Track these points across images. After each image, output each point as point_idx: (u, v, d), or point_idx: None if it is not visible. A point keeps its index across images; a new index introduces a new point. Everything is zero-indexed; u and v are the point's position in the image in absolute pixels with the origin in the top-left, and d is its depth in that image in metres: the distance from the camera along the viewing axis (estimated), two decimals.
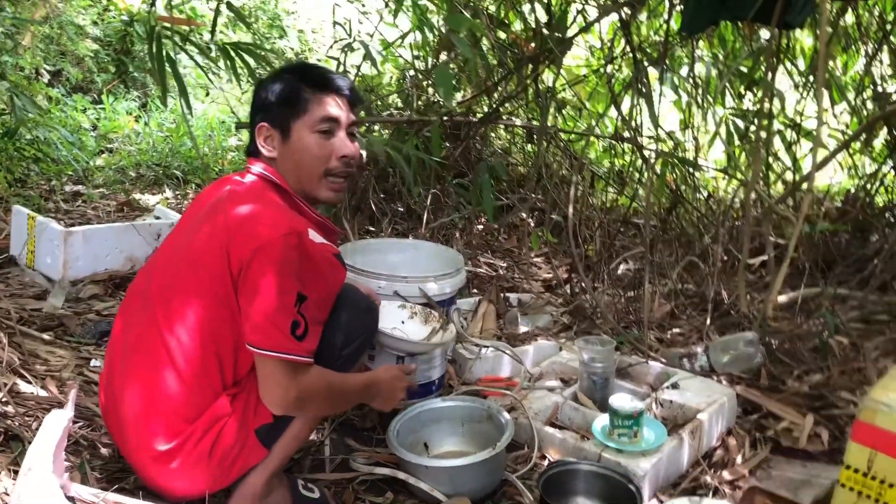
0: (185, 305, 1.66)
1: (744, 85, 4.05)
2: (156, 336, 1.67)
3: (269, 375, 1.64)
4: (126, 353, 1.71)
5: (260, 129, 1.82)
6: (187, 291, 1.67)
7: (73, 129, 5.40)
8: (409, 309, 2.32)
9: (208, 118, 6.34)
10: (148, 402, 1.66)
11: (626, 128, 3.79)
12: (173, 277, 1.71)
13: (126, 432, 1.69)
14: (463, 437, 2.27)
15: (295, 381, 1.64)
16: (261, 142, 1.82)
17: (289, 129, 1.80)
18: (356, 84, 2.02)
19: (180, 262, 1.71)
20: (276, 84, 1.83)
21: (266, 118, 1.81)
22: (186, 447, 1.65)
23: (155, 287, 1.72)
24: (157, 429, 1.65)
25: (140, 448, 1.67)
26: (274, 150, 1.82)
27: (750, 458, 2.29)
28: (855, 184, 4.45)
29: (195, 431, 1.66)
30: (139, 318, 1.72)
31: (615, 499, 1.97)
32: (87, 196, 4.49)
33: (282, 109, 1.80)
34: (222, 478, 1.71)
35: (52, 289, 3.08)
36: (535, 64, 3.75)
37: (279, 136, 1.81)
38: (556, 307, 3.35)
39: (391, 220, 4.08)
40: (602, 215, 4.27)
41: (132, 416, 1.67)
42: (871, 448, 1.74)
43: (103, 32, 6.86)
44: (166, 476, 1.67)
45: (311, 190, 1.85)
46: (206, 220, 1.72)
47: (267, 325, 1.60)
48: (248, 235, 1.62)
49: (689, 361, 2.78)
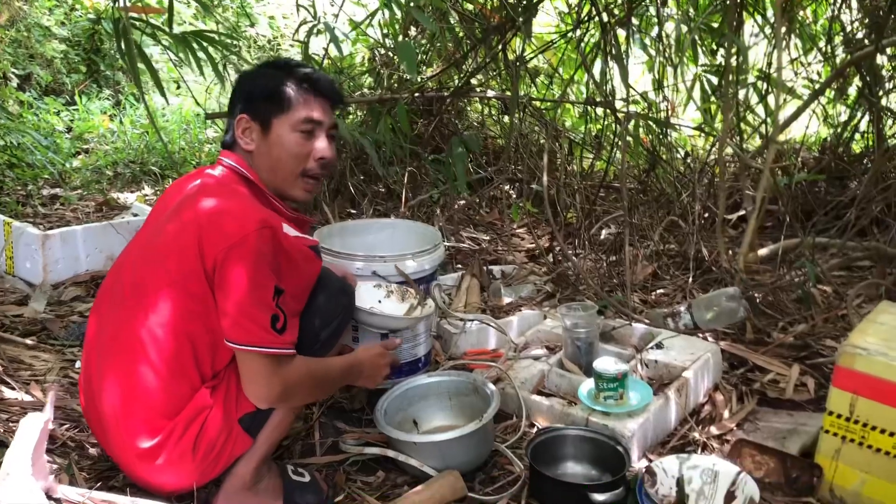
0: (157, 302, 1.64)
1: (715, 41, 4.03)
2: (130, 334, 1.66)
3: (252, 371, 1.64)
4: (101, 353, 1.70)
5: (240, 121, 1.80)
6: (159, 288, 1.65)
7: (46, 132, 5.35)
8: (384, 288, 2.32)
9: (183, 111, 6.29)
10: (127, 401, 1.65)
11: (599, 92, 3.77)
12: (144, 274, 1.69)
13: (108, 432, 1.69)
14: (451, 412, 2.28)
15: (278, 375, 1.64)
16: (238, 132, 1.80)
17: (269, 124, 1.79)
18: (335, 81, 2.00)
19: (151, 259, 1.70)
20: (261, 77, 1.83)
21: (247, 110, 1.79)
22: (169, 443, 1.65)
23: (126, 284, 1.71)
24: (139, 426, 1.65)
25: (123, 447, 1.66)
26: (251, 143, 1.80)
27: (737, 411, 2.30)
28: (830, 133, 4.46)
29: (177, 427, 1.66)
30: (112, 317, 1.71)
31: (604, 461, 1.99)
32: (64, 198, 4.46)
33: (265, 104, 1.79)
34: (209, 470, 1.71)
35: (32, 293, 3.06)
36: (502, 33, 3.73)
37: (259, 130, 1.79)
38: (540, 276, 3.36)
39: (371, 202, 4.07)
40: (581, 181, 4.27)
41: (112, 415, 1.66)
42: (853, 393, 1.76)
43: (71, 32, 6.78)
44: (153, 473, 1.67)
45: (285, 188, 1.84)
46: (176, 215, 1.70)
47: (246, 321, 1.59)
48: (220, 232, 1.60)
49: (673, 320, 2.79)
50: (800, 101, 3.93)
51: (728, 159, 3.70)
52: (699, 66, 4.09)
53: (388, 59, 4.33)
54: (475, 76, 4.21)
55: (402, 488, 1.96)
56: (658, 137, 4.09)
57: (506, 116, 4.88)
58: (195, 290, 1.63)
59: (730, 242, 3.75)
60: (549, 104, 4.53)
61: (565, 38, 4.01)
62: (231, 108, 1.85)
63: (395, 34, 4.39)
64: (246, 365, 1.64)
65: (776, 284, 3.01)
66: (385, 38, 4.45)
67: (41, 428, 1.49)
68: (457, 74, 4.36)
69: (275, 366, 1.64)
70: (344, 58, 4.61)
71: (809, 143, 4.82)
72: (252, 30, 7.80)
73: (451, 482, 1.89)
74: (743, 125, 3.89)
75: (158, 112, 6.20)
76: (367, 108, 4.17)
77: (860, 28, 3.78)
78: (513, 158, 4.47)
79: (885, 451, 1.73)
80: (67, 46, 6.68)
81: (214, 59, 3.04)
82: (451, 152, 3.47)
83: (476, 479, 2.02)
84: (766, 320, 2.86)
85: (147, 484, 1.70)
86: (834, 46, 3.77)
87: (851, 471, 1.79)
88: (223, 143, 1.87)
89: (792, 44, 3.88)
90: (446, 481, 1.88)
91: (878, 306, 2.04)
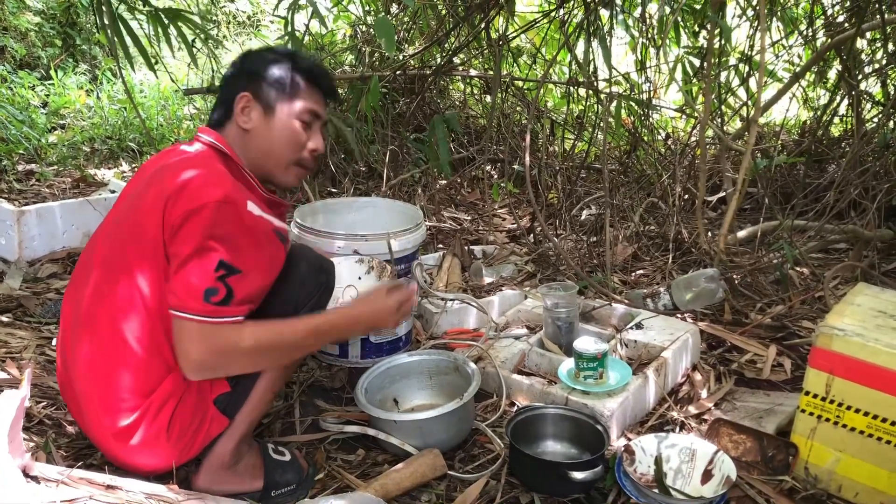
0: (129, 277, 1.61)
1: (697, 22, 4.03)
2: (103, 310, 1.63)
3: (179, 338, 1.57)
4: (76, 330, 1.67)
5: (241, 98, 1.76)
6: (129, 263, 1.62)
7: (21, 106, 5.26)
8: (366, 263, 2.31)
9: (161, 88, 6.20)
10: (101, 378, 1.63)
11: (582, 72, 3.76)
12: (115, 249, 1.66)
13: (84, 410, 1.67)
14: (432, 391, 2.29)
15: (205, 344, 1.56)
16: (238, 109, 1.77)
17: (273, 108, 1.78)
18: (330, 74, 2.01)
19: (121, 234, 1.67)
20: (269, 60, 1.81)
21: (251, 89, 1.77)
22: (144, 422, 1.63)
23: (98, 260, 1.68)
24: (112, 405, 1.63)
25: (99, 425, 1.64)
26: (249, 122, 1.78)
27: (715, 391, 2.33)
28: (810, 116, 4.48)
29: (150, 406, 1.64)
30: (86, 293, 1.68)
31: (584, 440, 2.00)
32: (40, 174, 4.40)
33: (271, 87, 1.78)
34: (186, 451, 1.70)
35: (8, 270, 3.02)
36: (485, 11, 3.70)
37: (261, 111, 1.77)
38: (521, 256, 3.36)
39: (353, 180, 4.05)
40: (562, 162, 4.27)
41: (87, 393, 1.65)
42: (829, 373, 1.78)
43: (46, 5, 6.64)
44: (128, 453, 1.65)
45: (276, 172, 1.82)
46: (147, 189, 1.66)
47: (180, 288, 1.55)
48: (182, 199, 1.57)
49: (653, 301, 2.81)
50: (780, 83, 3.95)
51: (709, 141, 3.71)
52: (681, 48, 4.09)
53: (369, 37, 4.29)
54: (457, 55, 4.18)
55: (382, 466, 1.97)
56: (640, 118, 4.09)
57: (488, 96, 4.86)
58: (162, 263, 1.60)
59: (709, 224, 3.78)
60: (532, 84, 4.52)
61: (548, 18, 3.99)
62: (229, 85, 1.82)
63: (377, 11, 4.35)
64: (175, 331, 1.58)
65: (754, 266, 3.03)
66: (367, 14, 4.42)
67: (17, 405, 1.48)
68: (439, 53, 4.33)
69: (201, 335, 1.55)
70: (325, 35, 4.56)
71: (789, 126, 4.85)
72: (232, 5, 7.70)
73: (431, 460, 1.89)
74: (724, 107, 3.90)
75: (136, 88, 6.12)
76: (347, 86, 4.14)
77: (841, 12, 3.79)
78: (494, 138, 4.46)
79: (859, 430, 1.75)
80: (42, 19, 6.55)
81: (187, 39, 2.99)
82: (432, 132, 3.45)
83: (456, 457, 2.03)
84: (745, 301, 2.88)
85: (123, 464, 1.68)
86: (815, 29, 3.77)
87: (826, 449, 1.82)
88: (211, 119, 1.83)
89: (773, 26, 3.88)
90: (426, 459, 1.89)
91: (854, 288, 2.06)
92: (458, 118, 4.62)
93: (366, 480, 1.88)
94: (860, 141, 3.46)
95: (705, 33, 4.09)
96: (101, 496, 1.50)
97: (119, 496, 1.52)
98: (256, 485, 1.81)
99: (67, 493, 1.47)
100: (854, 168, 3.38)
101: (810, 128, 4.32)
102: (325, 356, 2.36)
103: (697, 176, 3.14)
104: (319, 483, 1.91)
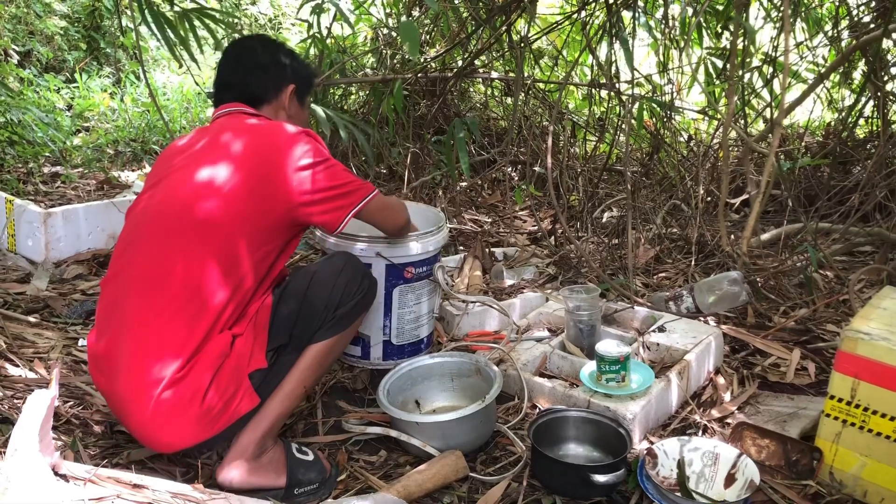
0: (217, 240, 1.75)
1: (720, 23, 4.01)
2: (164, 272, 1.72)
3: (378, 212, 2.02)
4: (132, 290, 1.74)
5: (291, 89, 2.06)
6: (220, 228, 1.75)
7: (47, 109, 5.33)
8: None
9: (184, 90, 6.26)
10: (157, 330, 1.69)
11: (603, 74, 3.76)
12: (208, 213, 1.75)
13: (129, 367, 1.69)
14: (453, 393, 2.29)
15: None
16: (286, 98, 2.06)
17: (304, 102, 2.16)
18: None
19: (211, 198, 1.76)
20: (299, 63, 2.13)
21: (294, 82, 2.07)
22: (190, 376, 1.68)
23: (179, 222, 1.76)
24: (165, 353, 1.68)
25: (141, 380, 1.67)
26: (289, 111, 2.08)
27: (738, 395, 2.31)
28: (834, 117, 4.44)
29: (198, 362, 1.70)
30: (141, 258, 1.76)
31: (606, 443, 2.00)
32: (65, 176, 4.45)
33: (305, 84, 2.14)
34: (212, 423, 1.72)
35: (35, 271, 3.07)
36: (507, 14, 3.71)
37: (297, 103, 2.11)
38: (542, 259, 3.36)
39: (374, 183, 4.06)
40: (584, 164, 4.26)
41: (138, 345, 1.69)
42: (854, 377, 1.76)
43: (71, 9, 6.73)
44: (159, 412, 1.67)
45: None
46: (223, 156, 1.81)
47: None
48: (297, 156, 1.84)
49: (675, 304, 2.79)
50: (805, 84, 3.91)
51: (732, 143, 3.69)
52: (704, 49, 4.07)
53: (390, 39, 4.31)
54: (479, 57, 4.19)
55: (404, 468, 1.98)
56: (662, 120, 4.07)
57: (509, 98, 4.86)
58: (266, 226, 1.81)
59: (732, 226, 3.76)
60: (553, 86, 4.51)
61: (570, 20, 3.99)
62: (276, 74, 2.05)
63: (399, 13, 4.37)
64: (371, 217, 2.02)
65: (778, 269, 3.01)
66: (388, 17, 4.43)
67: (47, 405, 1.50)
68: (460, 55, 4.34)
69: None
70: (347, 37, 4.59)
71: (813, 128, 4.81)
72: (253, 7, 7.77)
73: (454, 462, 1.90)
74: (747, 109, 3.87)
75: (159, 90, 6.18)
76: (369, 89, 4.16)
77: (866, 12, 3.76)
78: (516, 140, 4.46)
79: (885, 435, 1.74)
80: (68, 23, 6.64)
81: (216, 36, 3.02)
82: (451, 136, 3.46)
83: (478, 459, 2.04)
84: (768, 304, 2.86)
85: (147, 431, 1.70)
86: (840, 30, 3.74)
87: (851, 454, 1.80)
88: (235, 96, 2.02)
89: (798, 27, 3.85)
90: (448, 461, 1.90)
91: (880, 291, 2.05)
92: (479, 120, 4.63)
93: (388, 482, 1.89)
94: (886, 142, 3.43)
95: (728, 34, 4.07)
96: (129, 495, 1.52)
97: (146, 495, 1.54)
98: (280, 481, 1.83)
99: (95, 492, 1.49)
100: (880, 170, 3.35)
101: (835, 129, 4.28)
102: (347, 358, 2.38)
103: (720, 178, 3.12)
104: (342, 484, 1.92)
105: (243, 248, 1.77)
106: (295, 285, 1.89)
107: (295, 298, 1.86)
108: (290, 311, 1.85)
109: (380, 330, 2.32)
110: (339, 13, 2.94)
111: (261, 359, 1.79)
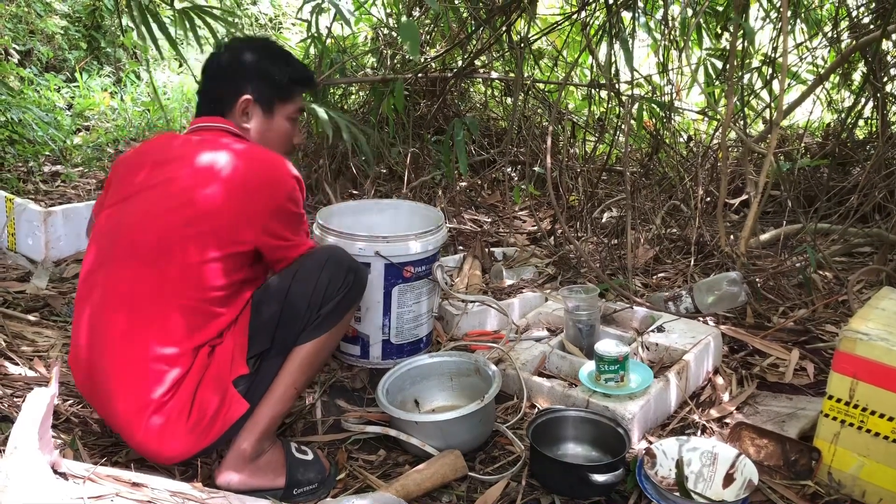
0: (185, 258, 1.69)
1: (720, 24, 4.01)
2: (143, 289, 1.70)
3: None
4: (107, 308, 1.72)
5: (245, 101, 1.89)
6: (186, 246, 1.70)
7: (47, 108, 5.32)
8: None
9: (184, 90, 6.26)
10: (138, 352, 1.68)
11: (603, 74, 3.76)
12: (169, 233, 1.71)
13: (112, 388, 1.69)
14: (452, 392, 2.29)
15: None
16: (239, 112, 1.89)
17: (272, 109, 1.93)
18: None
19: (176, 215, 1.71)
20: (268, 62, 1.92)
21: (252, 91, 1.89)
22: (175, 395, 1.68)
23: (143, 242, 1.72)
24: (143, 380, 1.67)
25: (128, 401, 1.68)
26: (249, 122, 1.91)
27: (737, 395, 2.32)
28: (834, 118, 4.45)
29: (182, 380, 1.69)
30: (124, 275, 1.72)
31: (604, 443, 2.00)
32: (65, 175, 4.45)
33: (270, 90, 1.91)
34: (204, 434, 1.72)
35: (35, 270, 3.07)
36: (507, 14, 3.71)
37: (261, 113, 1.91)
38: (541, 259, 3.36)
39: (373, 182, 4.06)
40: (583, 164, 4.26)
41: (119, 367, 1.68)
42: (853, 377, 1.77)
43: (72, 8, 6.72)
44: (150, 432, 1.67)
45: None
46: (208, 177, 1.74)
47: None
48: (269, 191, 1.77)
49: (674, 304, 2.79)
50: (804, 85, 3.91)
51: (731, 143, 3.69)
52: (704, 50, 4.07)
53: (391, 39, 4.31)
54: (479, 57, 4.19)
55: (403, 467, 1.98)
56: (661, 121, 4.08)
57: (509, 98, 4.87)
58: (232, 240, 1.73)
59: (731, 227, 3.76)
60: (553, 86, 4.51)
61: (570, 20, 3.99)
62: (229, 84, 1.90)
63: (399, 14, 4.37)
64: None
65: (777, 269, 3.01)
66: (388, 17, 4.43)
67: (47, 403, 1.50)
68: (460, 55, 4.34)
69: None
70: (347, 37, 4.59)
71: (813, 129, 4.81)
72: (254, 7, 7.76)
73: (452, 461, 1.90)
74: (747, 109, 3.87)
75: (160, 90, 6.18)
76: (369, 89, 4.16)
77: (866, 13, 3.76)
78: (515, 140, 4.46)
79: (883, 435, 1.74)
80: (68, 22, 6.63)
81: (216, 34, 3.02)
82: (449, 136, 3.46)
83: (477, 458, 2.04)
84: (767, 305, 2.87)
85: (145, 447, 1.71)
86: (839, 31, 3.74)
87: (850, 454, 1.81)
88: (209, 109, 1.91)
89: (797, 28, 3.85)
90: (447, 460, 1.90)
91: (878, 292, 2.05)
92: (479, 120, 4.63)
93: (387, 481, 1.89)
94: (885, 143, 3.43)
95: (728, 35, 4.08)
96: (128, 493, 1.52)
97: (145, 493, 1.55)
98: (279, 482, 1.83)
99: (95, 490, 1.50)
100: (879, 171, 3.35)
101: (834, 130, 4.28)
102: (346, 357, 2.38)
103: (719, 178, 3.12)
104: (341, 483, 1.92)
105: (221, 269, 1.74)
106: (276, 285, 1.83)
107: (276, 299, 1.80)
108: (271, 314, 1.79)
109: (379, 329, 2.32)
110: (339, 14, 2.94)
111: (242, 364, 1.75)
